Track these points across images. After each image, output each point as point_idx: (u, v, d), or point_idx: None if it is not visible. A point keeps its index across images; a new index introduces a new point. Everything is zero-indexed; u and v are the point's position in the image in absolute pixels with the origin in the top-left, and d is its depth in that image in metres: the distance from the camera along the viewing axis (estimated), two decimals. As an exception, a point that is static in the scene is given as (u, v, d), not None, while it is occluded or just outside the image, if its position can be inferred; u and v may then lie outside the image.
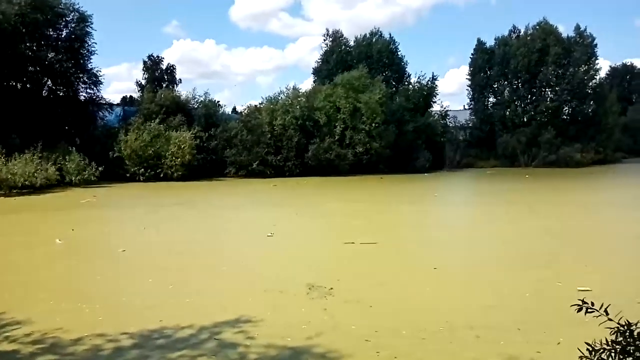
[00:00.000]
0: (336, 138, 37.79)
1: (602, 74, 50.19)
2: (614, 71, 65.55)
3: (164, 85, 46.16)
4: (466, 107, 52.98)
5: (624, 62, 67.94)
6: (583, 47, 46.08)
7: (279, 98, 40.18)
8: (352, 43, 47.62)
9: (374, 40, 46.91)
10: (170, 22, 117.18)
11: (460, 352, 5.83)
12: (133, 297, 8.24)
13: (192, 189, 29.31)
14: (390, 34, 48.06)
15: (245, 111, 41.46)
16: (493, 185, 31.13)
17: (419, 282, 9.01)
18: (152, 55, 49.42)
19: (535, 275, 9.23)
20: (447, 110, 47.12)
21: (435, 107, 46.01)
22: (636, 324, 2.47)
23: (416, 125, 40.87)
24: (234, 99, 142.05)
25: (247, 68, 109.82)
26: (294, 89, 41.10)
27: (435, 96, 45.46)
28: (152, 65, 49.28)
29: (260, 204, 22.54)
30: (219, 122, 38.79)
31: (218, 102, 41.64)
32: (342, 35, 48.08)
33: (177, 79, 49.62)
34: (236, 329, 6.62)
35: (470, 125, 50.85)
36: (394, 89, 44.46)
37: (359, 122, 37.81)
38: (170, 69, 50.24)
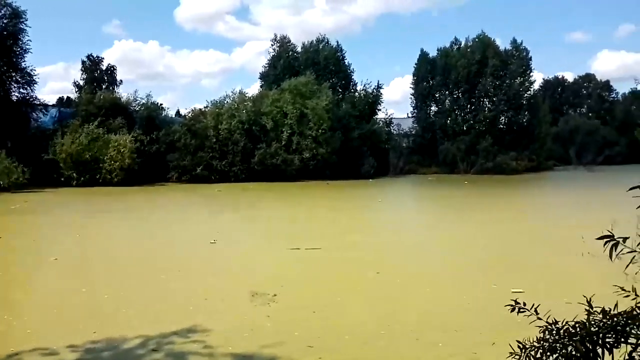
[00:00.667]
0: (283, 143, 37.74)
1: (536, 86, 53.14)
2: (546, 83, 69.51)
3: (103, 86, 44.29)
4: (410, 115, 54.55)
5: (556, 75, 72.52)
6: (519, 60, 48.63)
7: (225, 102, 39.71)
8: (299, 49, 47.91)
9: (320, 47, 47.37)
10: (111, 21, 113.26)
11: (400, 355, 5.92)
12: (65, 308, 7.79)
13: (131, 194, 28.26)
14: (337, 42, 48.77)
15: (190, 114, 40.60)
16: (434, 192, 32.12)
17: (362, 287, 9.10)
18: (91, 55, 47.27)
19: (473, 278, 9.57)
20: (392, 118, 48.38)
21: (380, 115, 47.18)
22: (562, 322, 2.59)
23: (362, 132, 41.55)
24: (177, 101, 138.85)
25: (192, 70, 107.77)
26: (241, 93, 40.81)
27: (380, 104, 46.63)
28: (91, 65, 47.12)
29: (204, 210, 22.07)
30: (162, 126, 37.75)
31: (161, 104, 40.60)
32: (290, 41, 48.31)
33: (118, 80, 47.67)
34: (176, 339, 6.39)
35: (413, 132, 52.30)
36: (340, 95, 45.04)
37: (305, 128, 37.96)
38: (111, 70, 48.26)
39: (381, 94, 46.33)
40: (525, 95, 49.14)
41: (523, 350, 2.58)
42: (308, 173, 37.55)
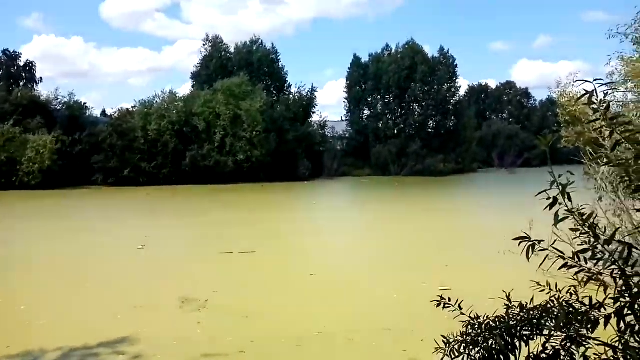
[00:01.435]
0: (216, 145, 37.02)
1: (462, 92, 55.89)
2: (471, 90, 73.14)
3: (21, 83, 41.29)
4: (343, 118, 55.50)
5: (480, 82, 76.62)
6: (446, 67, 50.98)
7: (154, 102, 38.36)
8: (232, 50, 47.27)
9: (254, 48, 47.02)
10: (30, 14, 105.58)
11: (334, 356, 5.97)
12: (-28, 323, 7.15)
13: (51, 197, 26.52)
14: (272, 44, 48.65)
15: (116, 114, 38.79)
16: (367, 194, 32.82)
17: (296, 289, 9.09)
18: (7, 50, 43.92)
19: (404, 277, 9.84)
20: (326, 121, 48.93)
21: (315, 118, 47.58)
22: (483, 317, 2.70)
23: (296, 134, 41.66)
24: (103, 101, 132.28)
25: (119, 69, 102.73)
26: (171, 93, 39.62)
27: (314, 107, 46.98)
28: (8, 61, 43.72)
29: (131, 214, 21.15)
30: (86, 126, 35.81)
31: (85, 104, 38.56)
32: (222, 41, 47.52)
33: (38, 77, 44.60)
34: (102, 350, 6.05)
35: (347, 135, 53.26)
36: (275, 97, 44.91)
37: (239, 130, 37.48)
38: (29, 66, 45.03)
39: (315, 97, 46.79)
40: (452, 101, 51.59)
41: (447, 345, 2.66)
42: (242, 175, 37.04)
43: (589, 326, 2.25)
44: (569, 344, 2.38)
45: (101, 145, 34.27)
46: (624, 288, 2.00)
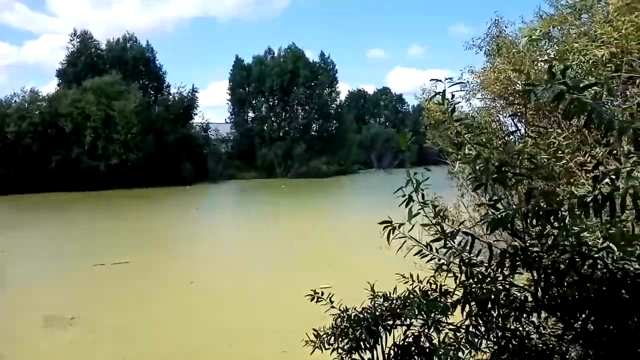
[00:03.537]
0: (86, 148, 34.14)
1: (342, 97, 58.23)
2: (351, 95, 76.53)
3: None
4: (227, 120, 54.52)
5: (359, 87, 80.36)
6: (327, 72, 52.67)
7: (13, 101, 34.31)
8: (104, 46, 44.03)
9: (128, 45, 44.26)
10: None
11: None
12: None
13: None
14: (147, 41, 46.12)
15: (-35, 115, 33.96)
16: (251, 197, 32.58)
17: (173, 299, 8.66)
18: None
19: (287, 278, 9.88)
20: (209, 123, 47.54)
21: (197, 119, 45.93)
22: (351, 309, 2.78)
23: (177, 136, 40.00)
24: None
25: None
26: (33, 91, 35.66)
27: (196, 108, 45.29)
28: None
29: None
30: None
31: None
32: (92, 36, 43.95)
33: None
34: None
35: (231, 138, 52.45)
36: (152, 98, 42.69)
37: (113, 132, 34.96)
38: None
39: (197, 97, 45.16)
40: (333, 105, 53.48)
41: (318, 338, 2.70)
42: (117, 180, 34.53)
43: (445, 312, 2.42)
44: (427, 330, 2.54)
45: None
46: (468, 276, 2.17)
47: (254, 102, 52.16)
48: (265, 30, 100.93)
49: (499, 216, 1.98)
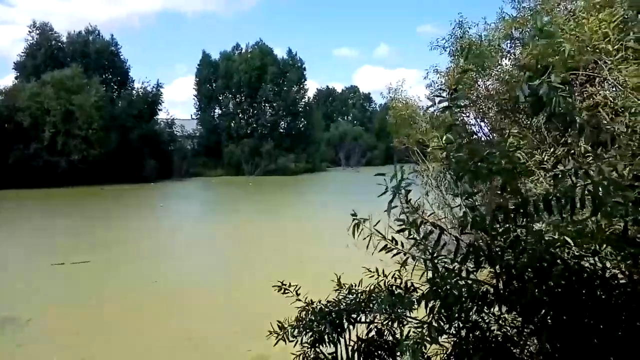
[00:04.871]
0: (45, 144, 32.97)
1: (311, 94, 58.21)
2: (319, 93, 76.65)
3: None
4: (193, 116, 53.65)
5: (327, 85, 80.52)
6: (295, 69, 52.45)
7: (-35, 94, 32.83)
8: (64, 39, 42.60)
9: (91, 38, 42.98)
10: None
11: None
12: None
13: None
14: (112, 35, 44.97)
15: None
16: (218, 194, 32.20)
17: (135, 299, 8.45)
18: None
19: (252, 275, 9.82)
20: (174, 119, 46.60)
21: (162, 115, 44.98)
22: (317, 303, 2.78)
23: (141, 132, 39.11)
24: None
25: None
26: (-13, 84, 34.23)
27: (161, 103, 44.30)
28: None
29: None
30: None
31: None
32: (52, 28, 42.43)
33: None
34: None
35: (198, 134, 51.62)
36: (115, 93, 41.62)
37: (73, 127, 33.88)
38: None
39: (161, 93, 44.14)
40: (302, 102, 53.36)
41: (282, 330, 2.70)
42: (79, 177, 33.51)
43: (409, 307, 2.45)
44: (390, 324, 2.56)
45: None
46: (433, 271, 2.19)
47: (220, 98, 51.55)
48: (234, 27, 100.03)
49: (477, 219, 2.02)
